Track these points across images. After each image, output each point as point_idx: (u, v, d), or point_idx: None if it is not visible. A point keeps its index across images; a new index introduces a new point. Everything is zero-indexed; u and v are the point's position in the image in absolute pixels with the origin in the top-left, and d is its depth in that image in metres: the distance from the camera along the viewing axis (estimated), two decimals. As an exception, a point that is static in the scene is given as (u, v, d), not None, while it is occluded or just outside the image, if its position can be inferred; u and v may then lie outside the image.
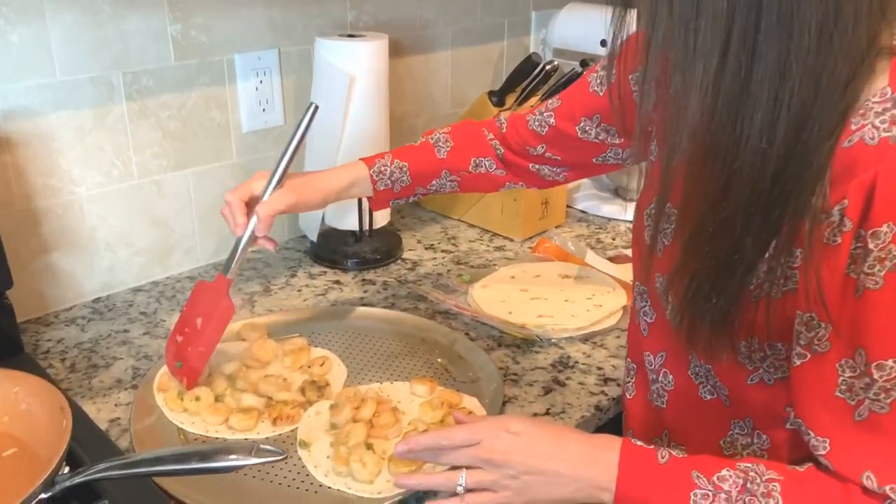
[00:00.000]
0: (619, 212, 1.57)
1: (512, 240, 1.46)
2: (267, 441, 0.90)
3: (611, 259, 1.35)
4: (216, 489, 0.80)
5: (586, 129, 0.94)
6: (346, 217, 1.34)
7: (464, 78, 1.65)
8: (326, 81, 1.26)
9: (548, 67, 1.42)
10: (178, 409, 0.93)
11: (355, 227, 1.34)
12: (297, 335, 1.09)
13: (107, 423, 0.93)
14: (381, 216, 1.38)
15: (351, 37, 1.27)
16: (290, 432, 0.91)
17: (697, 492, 0.65)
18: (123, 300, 1.22)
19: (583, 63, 1.47)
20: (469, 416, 0.79)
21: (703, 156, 0.61)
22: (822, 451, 0.63)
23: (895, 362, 0.58)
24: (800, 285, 0.62)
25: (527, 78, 1.44)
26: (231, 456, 0.69)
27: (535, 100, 1.46)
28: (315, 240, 1.35)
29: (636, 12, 0.64)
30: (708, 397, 0.78)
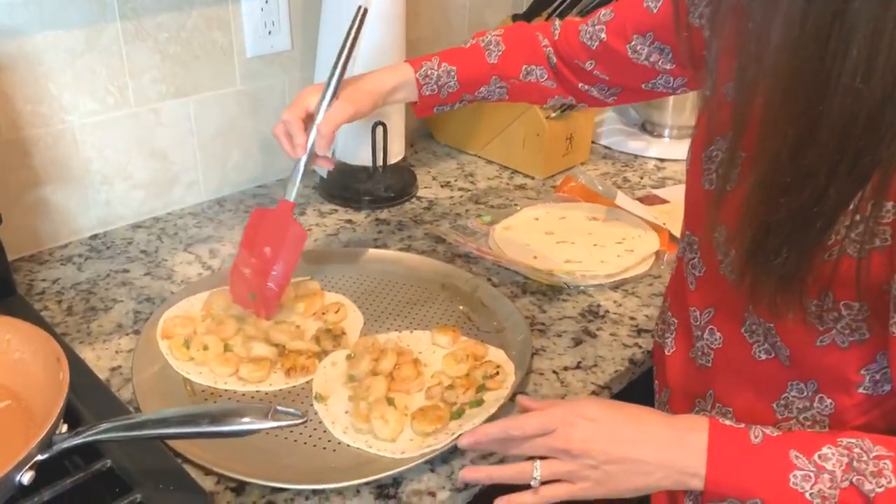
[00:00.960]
0: (646, 148, 1.48)
1: (533, 178, 1.37)
2: (280, 394, 0.84)
3: (640, 200, 1.27)
4: (226, 448, 0.74)
5: (637, 48, 0.87)
6: (358, 150, 1.25)
7: (483, 1, 1.54)
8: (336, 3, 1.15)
9: (581, -16, 1.31)
10: (183, 358, 0.87)
11: (368, 162, 1.25)
12: (308, 278, 1.02)
13: (107, 373, 0.87)
14: (396, 150, 1.29)
15: (365, -48, 1.16)
16: (305, 384, 0.85)
17: (798, 473, 0.60)
18: (122, 237, 1.15)
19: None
20: (537, 402, 0.72)
21: (785, 95, 0.54)
22: None
23: None
24: (892, 243, 0.55)
25: (556, -2, 1.33)
26: (244, 419, 0.63)
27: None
28: (325, 175, 1.27)
29: None
30: (763, 357, 0.72)
